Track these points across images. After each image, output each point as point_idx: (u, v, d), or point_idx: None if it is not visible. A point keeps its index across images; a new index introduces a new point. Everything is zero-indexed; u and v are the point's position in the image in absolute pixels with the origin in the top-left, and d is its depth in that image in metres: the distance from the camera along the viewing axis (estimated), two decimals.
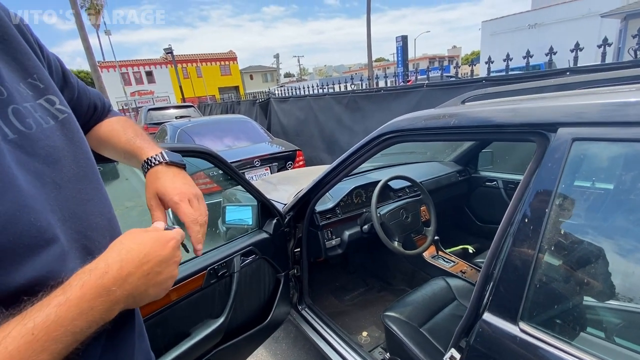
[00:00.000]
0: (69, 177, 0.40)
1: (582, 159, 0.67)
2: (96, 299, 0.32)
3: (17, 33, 0.42)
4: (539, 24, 15.05)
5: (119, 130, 0.60)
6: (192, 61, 30.72)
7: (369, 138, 1.21)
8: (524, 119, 0.77)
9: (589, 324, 0.66)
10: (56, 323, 0.29)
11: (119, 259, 0.35)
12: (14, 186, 0.32)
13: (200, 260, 1.11)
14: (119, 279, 0.34)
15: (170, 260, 0.40)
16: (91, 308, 0.32)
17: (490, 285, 0.77)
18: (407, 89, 3.46)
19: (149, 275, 0.37)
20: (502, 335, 0.71)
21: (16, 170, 0.33)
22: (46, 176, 0.37)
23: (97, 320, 0.33)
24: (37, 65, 0.43)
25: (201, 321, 1.11)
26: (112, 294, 0.33)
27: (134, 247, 0.37)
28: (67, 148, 0.41)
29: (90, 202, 0.42)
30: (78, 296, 0.31)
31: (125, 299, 0.35)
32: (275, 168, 3.67)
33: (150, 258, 0.37)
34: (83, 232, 0.39)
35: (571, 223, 0.67)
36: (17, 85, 0.39)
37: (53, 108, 0.42)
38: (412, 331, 1.30)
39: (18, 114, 0.36)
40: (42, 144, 0.38)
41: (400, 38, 17.10)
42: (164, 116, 7.73)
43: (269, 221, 1.41)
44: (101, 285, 0.33)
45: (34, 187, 0.35)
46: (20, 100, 0.38)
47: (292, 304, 1.65)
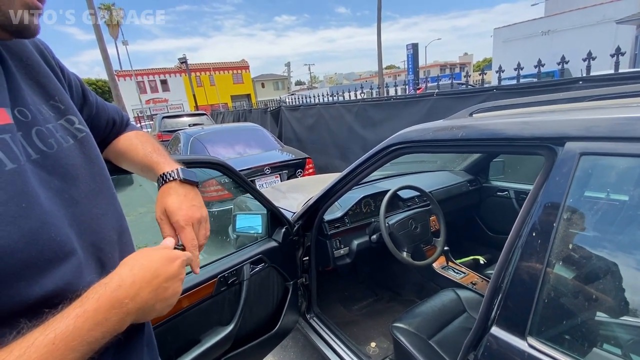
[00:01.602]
0: (86, 193, 0.43)
1: (590, 173, 0.67)
2: (110, 310, 0.34)
3: (39, 58, 0.46)
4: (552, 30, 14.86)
5: (138, 145, 0.64)
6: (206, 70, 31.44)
7: (378, 149, 1.23)
8: (531, 132, 0.78)
9: (600, 340, 0.66)
10: (74, 334, 0.31)
11: (132, 274, 0.38)
12: (37, 204, 0.35)
13: (211, 268, 1.14)
14: (131, 293, 0.36)
15: (177, 277, 0.43)
16: (106, 319, 0.34)
17: (498, 298, 0.77)
18: (417, 98, 3.47)
19: (157, 290, 0.39)
20: (510, 351, 0.70)
21: (38, 188, 0.36)
22: (65, 193, 0.40)
23: (111, 330, 0.35)
24: (58, 87, 0.47)
25: (211, 328, 1.13)
26: (124, 306, 0.35)
27: (145, 264, 0.40)
28: (84, 165, 0.44)
29: (105, 217, 0.45)
30: (94, 308, 0.33)
31: (135, 312, 0.37)
32: (285, 176, 3.70)
33: (159, 274, 0.40)
34: (97, 245, 0.42)
35: (579, 237, 0.67)
36: (40, 107, 0.42)
37: (72, 127, 0.45)
38: (420, 343, 1.28)
39: (41, 135, 0.39)
40: (62, 163, 0.41)
41: (410, 46, 17.16)
42: (177, 124, 7.91)
43: (278, 230, 1.43)
44: (115, 297, 0.35)
45: (54, 204, 0.37)
46: (43, 122, 0.41)
47: (300, 313, 1.65)
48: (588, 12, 13.74)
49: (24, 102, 0.39)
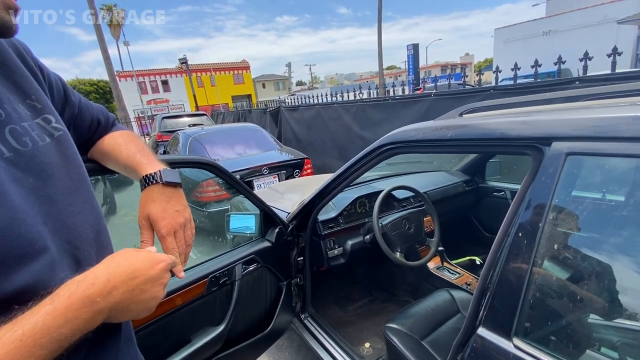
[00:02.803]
0: (62, 190, 0.43)
1: (576, 173, 0.67)
2: (81, 308, 0.34)
3: (16, 58, 0.46)
4: (553, 31, 14.83)
5: (122, 145, 0.64)
6: (207, 70, 31.48)
7: (370, 149, 1.22)
8: (519, 132, 0.78)
9: (585, 342, 0.65)
10: (42, 331, 0.31)
11: (107, 273, 0.37)
12: (6, 201, 0.35)
13: (202, 268, 1.14)
14: (104, 291, 0.36)
15: (157, 281, 0.42)
16: (76, 317, 0.34)
17: (485, 299, 0.77)
18: (415, 98, 3.46)
19: (133, 291, 0.39)
20: (495, 351, 0.70)
21: (9, 186, 0.36)
22: (40, 190, 0.40)
23: (81, 328, 0.35)
24: (34, 86, 0.47)
25: (202, 328, 1.13)
26: (96, 304, 0.35)
27: (123, 263, 0.39)
28: (61, 163, 0.44)
29: (81, 215, 0.45)
30: (65, 305, 0.33)
31: (108, 311, 0.37)
32: (283, 176, 3.70)
33: (138, 275, 0.40)
34: (73, 243, 0.42)
35: (565, 237, 0.66)
36: (15, 106, 0.42)
37: (49, 126, 0.45)
38: (413, 344, 1.28)
39: (15, 133, 0.40)
40: (37, 161, 0.41)
41: (411, 46, 17.15)
42: (177, 124, 7.91)
43: (272, 230, 1.43)
44: (87, 295, 0.35)
45: (27, 201, 0.37)
46: (18, 120, 0.41)
47: (294, 313, 1.65)
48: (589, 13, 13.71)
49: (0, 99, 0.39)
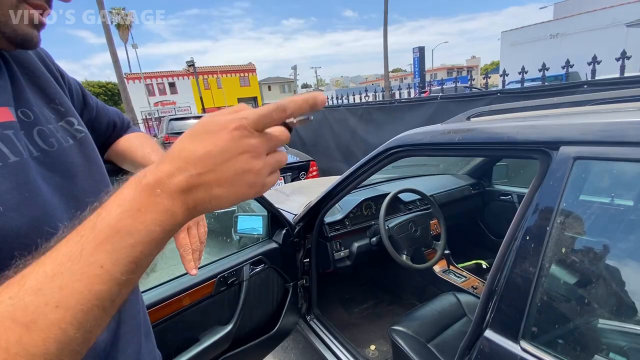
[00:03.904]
0: (85, 190, 0.45)
1: (584, 177, 0.67)
2: (145, 196, 0.28)
3: (39, 64, 0.48)
4: (561, 33, 14.71)
5: (137, 146, 0.66)
6: (213, 73, 31.77)
7: (377, 152, 1.23)
8: (527, 136, 0.78)
9: (592, 346, 0.65)
10: (126, 223, 0.27)
11: (175, 149, 0.29)
12: (39, 195, 0.37)
13: (210, 268, 1.16)
14: (168, 174, 0.28)
15: (235, 150, 0.29)
16: (146, 211, 0.27)
17: (492, 302, 0.77)
18: (420, 101, 3.47)
19: (208, 168, 0.28)
20: (503, 354, 0.70)
21: (40, 182, 0.38)
22: (65, 189, 0.42)
23: (168, 224, 0.28)
24: (58, 91, 0.49)
25: (210, 327, 1.15)
26: (154, 192, 0.28)
27: (197, 128, 0.29)
28: (83, 164, 0.46)
29: None
30: (143, 195, 0.28)
31: (190, 203, 0.29)
32: (289, 178, 3.73)
33: (214, 145, 0.28)
34: None
35: (572, 241, 0.67)
36: (42, 109, 0.44)
37: (72, 128, 0.47)
38: (419, 346, 1.28)
39: (42, 135, 0.42)
40: (62, 161, 0.43)
41: (417, 49, 17.15)
42: (184, 126, 7.98)
43: (279, 231, 1.44)
44: (147, 184, 0.28)
45: (54, 198, 0.39)
46: (45, 122, 0.43)
47: (300, 315, 1.66)
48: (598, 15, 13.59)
49: (27, 104, 0.41)
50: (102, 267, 0.26)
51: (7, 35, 0.37)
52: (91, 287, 0.25)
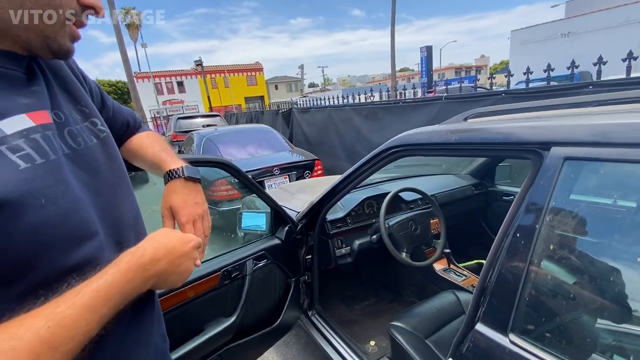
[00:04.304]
0: (107, 185, 0.49)
1: (573, 177, 0.69)
2: (137, 272, 0.42)
3: (67, 69, 0.53)
4: (572, 32, 14.48)
5: (148, 144, 0.70)
6: (221, 72, 32.01)
7: (378, 151, 1.26)
8: (519, 137, 0.81)
9: (578, 338, 0.68)
10: (112, 285, 0.39)
11: (153, 247, 0.45)
12: (71, 190, 0.41)
13: (215, 262, 1.20)
14: (152, 261, 0.44)
15: (189, 256, 0.49)
16: (134, 279, 0.41)
17: (484, 297, 0.80)
18: (425, 101, 3.47)
19: (173, 263, 0.46)
20: (492, 346, 0.73)
21: (71, 179, 0.42)
22: (91, 184, 0.46)
23: (137, 289, 0.42)
24: (82, 93, 0.54)
25: (214, 319, 1.19)
26: (147, 271, 0.43)
27: (163, 241, 0.47)
28: (106, 161, 0.51)
29: (123, 206, 0.51)
30: (126, 269, 0.41)
31: (155, 277, 0.44)
32: (294, 177, 3.77)
33: (175, 250, 0.47)
34: (117, 230, 0.48)
35: (560, 239, 0.69)
36: (70, 110, 0.49)
37: (95, 129, 0.52)
38: (417, 342, 1.31)
39: (72, 134, 0.46)
40: (88, 159, 0.47)
41: (424, 48, 17.03)
42: (192, 124, 8.11)
43: (282, 228, 1.48)
44: (140, 263, 0.42)
45: (83, 193, 0.44)
46: (73, 123, 0.48)
47: (302, 310, 1.70)
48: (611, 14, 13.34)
49: (59, 106, 0.46)
50: (104, 315, 0.39)
51: (53, 48, 0.42)
52: (91, 329, 0.37)
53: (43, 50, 0.43)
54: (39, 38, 0.41)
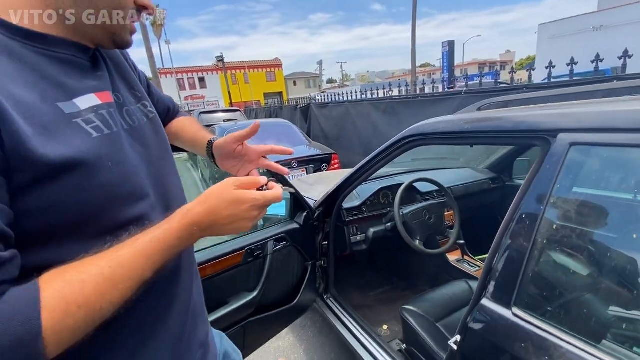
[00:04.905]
0: (156, 157, 0.58)
1: (578, 162, 0.73)
2: (185, 231, 0.48)
3: (122, 58, 0.62)
4: (605, 26, 13.75)
5: (187, 126, 0.80)
6: (241, 68, 32.47)
7: (394, 140, 1.32)
8: (529, 125, 0.85)
9: (576, 311, 0.72)
10: (163, 239, 0.46)
11: (201, 209, 0.49)
12: (129, 158, 0.50)
13: (239, 241, 1.30)
14: (197, 222, 0.48)
15: (240, 217, 0.50)
16: (182, 236, 0.47)
17: (490, 276, 0.85)
18: (444, 96, 3.47)
19: (219, 223, 0.50)
20: (496, 318, 0.79)
21: (129, 149, 0.51)
22: (143, 155, 0.55)
23: (184, 244, 0.48)
24: (135, 80, 0.63)
25: (237, 293, 1.29)
26: (193, 230, 0.48)
27: (213, 203, 0.49)
28: (154, 138, 0.60)
29: (168, 175, 0.60)
30: (176, 227, 0.47)
31: (200, 235, 0.50)
32: (312, 170, 3.85)
33: (221, 213, 0.49)
34: (164, 194, 0.57)
35: (563, 221, 0.73)
36: (126, 93, 0.58)
37: (146, 110, 0.61)
38: (428, 325, 1.37)
39: (128, 113, 0.55)
40: (141, 134, 0.56)
41: (446, 43, 16.64)
42: (213, 119, 8.35)
43: (300, 213, 1.57)
44: (189, 223, 0.48)
45: (137, 161, 0.53)
46: (129, 104, 0.57)
47: (318, 294, 1.78)
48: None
49: (118, 89, 0.55)
50: (156, 262, 0.45)
51: (116, 42, 0.51)
52: (143, 275, 0.44)
53: (108, 43, 0.52)
54: (106, 34, 0.50)
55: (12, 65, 0.39)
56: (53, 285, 0.35)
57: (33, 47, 0.43)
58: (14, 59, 0.40)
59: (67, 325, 0.35)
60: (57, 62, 0.45)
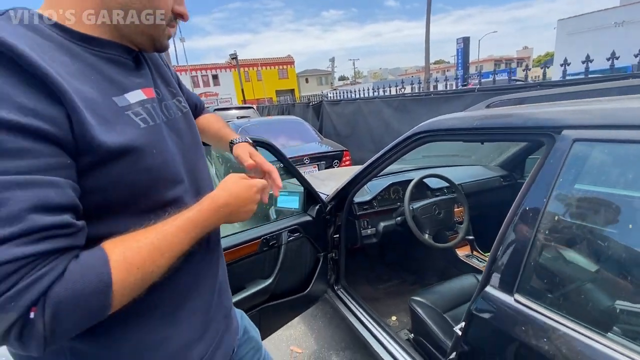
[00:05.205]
0: (189, 147, 0.65)
1: (581, 157, 0.77)
2: (213, 212, 0.56)
3: (160, 59, 0.69)
4: (627, 21, 13.28)
5: (212, 122, 0.87)
6: (254, 65, 32.72)
7: (404, 136, 1.37)
8: (535, 122, 0.88)
9: (575, 297, 0.76)
10: (196, 218, 0.53)
11: (225, 194, 0.59)
12: (169, 146, 0.57)
13: (256, 231, 1.37)
14: (222, 205, 0.58)
15: (251, 199, 0.63)
16: (210, 217, 0.56)
17: (494, 265, 0.90)
18: (457, 93, 3.46)
19: (238, 206, 0.61)
20: (499, 303, 0.83)
21: (168, 138, 0.58)
22: (179, 145, 0.62)
23: (213, 224, 0.57)
24: (171, 78, 0.70)
25: (254, 280, 1.37)
26: (220, 212, 0.57)
27: (233, 188, 0.61)
28: (187, 130, 0.67)
29: (199, 164, 0.67)
30: (206, 209, 0.55)
31: (225, 216, 0.59)
32: (323, 166, 3.91)
33: (239, 196, 0.61)
34: (196, 180, 0.64)
35: (564, 212, 0.77)
36: (163, 90, 0.65)
37: (180, 105, 0.68)
38: (435, 315, 1.41)
39: (166, 107, 0.62)
40: (177, 126, 0.63)
41: (461, 40, 16.38)
42: (226, 116, 8.49)
43: (313, 206, 1.63)
44: (216, 206, 0.57)
45: (174, 149, 0.60)
46: (167, 99, 0.64)
47: (329, 285, 1.85)
48: None
49: (157, 85, 0.62)
50: (192, 237, 0.53)
51: (156, 46, 0.58)
52: (183, 247, 0.51)
53: (149, 47, 0.59)
54: (149, 39, 0.57)
55: (75, 65, 0.46)
56: (116, 250, 0.43)
57: (87, 48, 0.49)
58: (76, 58, 0.47)
59: (129, 283, 0.42)
60: (109, 62, 0.52)
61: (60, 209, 0.39)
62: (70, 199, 0.40)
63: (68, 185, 0.40)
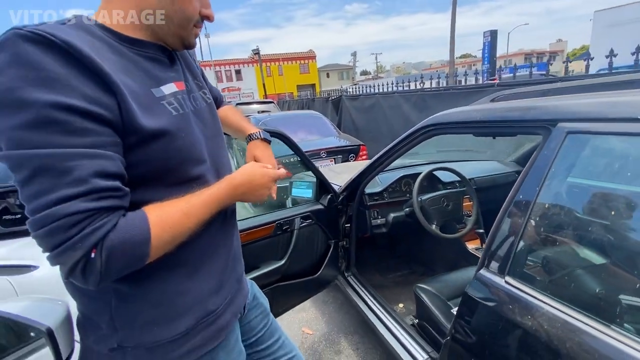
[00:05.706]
0: (212, 134, 0.76)
1: (573, 148, 0.81)
2: (231, 190, 0.67)
3: (188, 56, 0.80)
4: None
5: (231, 114, 0.98)
6: (275, 60, 33.00)
7: (414, 129, 1.43)
8: (533, 115, 0.93)
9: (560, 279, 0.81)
10: (217, 194, 0.64)
11: (242, 176, 0.70)
12: (195, 132, 0.67)
13: (271, 216, 1.48)
14: (240, 185, 0.69)
15: (265, 185, 0.74)
16: (228, 194, 0.66)
17: (490, 250, 0.95)
18: (477, 88, 3.42)
19: (252, 189, 0.72)
20: (490, 284, 0.89)
21: (194, 125, 0.69)
22: (203, 132, 0.72)
23: (230, 200, 0.68)
24: (197, 72, 0.81)
25: (268, 261, 1.48)
26: (236, 190, 0.68)
27: (249, 171, 0.72)
28: (211, 119, 0.77)
29: (219, 149, 0.78)
30: (225, 187, 0.66)
31: (239, 195, 0.70)
32: (340, 160, 3.99)
33: (253, 180, 0.72)
34: (216, 162, 0.74)
35: (554, 200, 0.82)
36: (191, 82, 0.75)
37: (205, 97, 0.79)
38: (439, 302, 1.47)
39: (194, 98, 0.73)
40: (202, 116, 0.74)
41: (488, 33, 15.78)
42: (248, 110, 8.70)
43: (325, 196, 1.72)
44: (233, 185, 0.68)
45: (200, 135, 0.70)
46: (194, 91, 0.74)
47: (340, 271, 1.94)
48: None
49: (187, 79, 0.73)
50: (212, 209, 0.63)
51: (185, 45, 0.69)
52: (204, 216, 0.62)
53: (180, 46, 0.69)
54: (179, 40, 0.67)
55: (122, 62, 0.57)
56: (154, 212, 0.54)
57: (129, 47, 0.60)
58: (122, 56, 0.57)
59: (164, 239, 0.53)
60: (147, 59, 0.63)
61: (114, 176, 0.50)
62: (120, 169, 0.51)
63: (118, 158, 0.51)
